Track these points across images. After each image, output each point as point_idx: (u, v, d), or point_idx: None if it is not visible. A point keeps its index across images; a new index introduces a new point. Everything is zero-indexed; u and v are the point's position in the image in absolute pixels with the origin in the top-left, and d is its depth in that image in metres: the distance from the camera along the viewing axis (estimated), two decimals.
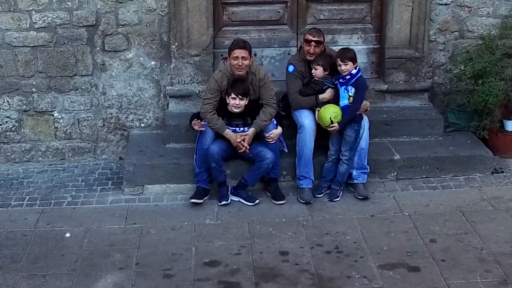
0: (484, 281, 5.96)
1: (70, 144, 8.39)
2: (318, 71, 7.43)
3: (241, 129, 7.38)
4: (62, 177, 8.05)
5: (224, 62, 7.49)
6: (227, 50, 7.45)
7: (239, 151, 7.35)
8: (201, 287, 5.95)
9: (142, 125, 8.42)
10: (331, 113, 7.23)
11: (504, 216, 7.03)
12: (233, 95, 7.23)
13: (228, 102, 7.29)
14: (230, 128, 7.36)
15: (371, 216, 7.08)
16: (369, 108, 7.60)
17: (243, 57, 7.21)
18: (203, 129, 7.35)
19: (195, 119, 7.43)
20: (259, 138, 7.45)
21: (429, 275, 6.06)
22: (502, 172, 7.93)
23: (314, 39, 7.45)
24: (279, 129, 7.41)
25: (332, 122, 7.22)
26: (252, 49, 7.94)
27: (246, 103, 7.30)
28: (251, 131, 7.34)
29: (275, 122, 7.42)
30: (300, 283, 5.99)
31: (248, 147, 7.33)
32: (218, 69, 7.50)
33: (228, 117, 7.38)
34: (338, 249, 6.50)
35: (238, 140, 7.29)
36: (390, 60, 8.33)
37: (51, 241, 6.67)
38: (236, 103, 7.24)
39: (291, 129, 7.57)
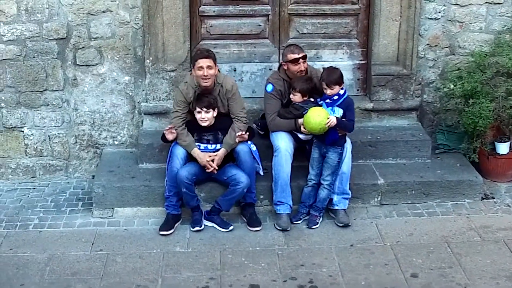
0: None
1: (41, 161, 8.17)
2: (297, 97, 7.14)
3: (213, 146, 7.10)
4: (32, 197, 7.82)
5: (190, 74, 7.21)
6: None
7: (207, 171, 7.05)
8: None
9: (116, 142, 8.18)
10: (327, 111, 6.89)
11: (491, 249, 6.68)
12: (198, 109, 7.00)
13: (196, 117, 7.06)
14: (201, 144, 7.10)
15: (350, 246, 6.75)
16: None
17: (208, 66, 6.92)
18: (175, 134, 7.06)
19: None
20: (233, 160, 7.17)
21: None
22: (493, 197, 7.61)
23: (300, 55, 7.17)
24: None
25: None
26: (232, 64, 7.84)
27: (215, 115, 7.05)
28: (221, 151, 7.07)
29: (249, 143, 7.14)
30: None
31: (217, 168, 7.05)
32: (184, 81, 7.24)
33: (199, 132, 7.12)
34: (312, 283, 6.17)
35: (207, 160, 7.02)
36: (376, 77, 8.03)
37: (11, 269, 6.44)
38: (202, 116, 7.01)
39: (269, 149, 7.28)
